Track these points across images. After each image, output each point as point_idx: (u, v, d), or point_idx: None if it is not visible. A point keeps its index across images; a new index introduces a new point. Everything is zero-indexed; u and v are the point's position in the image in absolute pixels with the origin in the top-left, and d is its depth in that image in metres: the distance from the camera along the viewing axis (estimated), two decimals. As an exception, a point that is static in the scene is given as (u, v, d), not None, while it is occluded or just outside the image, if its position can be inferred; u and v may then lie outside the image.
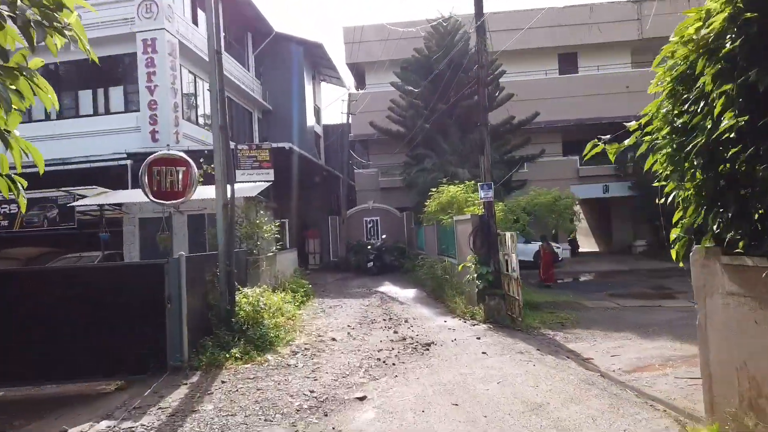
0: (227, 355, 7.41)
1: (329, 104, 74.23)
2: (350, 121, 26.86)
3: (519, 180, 22.96)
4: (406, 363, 7.14)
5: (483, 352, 7.53)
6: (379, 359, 7.36)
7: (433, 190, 14.93)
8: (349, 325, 10.10)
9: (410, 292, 15.13)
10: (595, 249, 31.64)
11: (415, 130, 21.53)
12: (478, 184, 10.61)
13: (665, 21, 27.30)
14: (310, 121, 31.26)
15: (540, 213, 13.75)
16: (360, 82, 30.07)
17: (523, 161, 23.04)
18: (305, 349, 8.08)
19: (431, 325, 9.92)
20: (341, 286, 17.58)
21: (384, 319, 10.73)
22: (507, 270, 10.27)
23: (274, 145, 17.38)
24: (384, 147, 26.36)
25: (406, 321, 10.44)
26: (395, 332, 9.30)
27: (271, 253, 13.02)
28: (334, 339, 8.79)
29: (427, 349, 7.87)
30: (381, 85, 26.75)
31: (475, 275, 10.41)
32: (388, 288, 16.42)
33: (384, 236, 22.71)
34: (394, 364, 7.11)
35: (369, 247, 22.07)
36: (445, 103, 21.25)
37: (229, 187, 8.88)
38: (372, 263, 21.04)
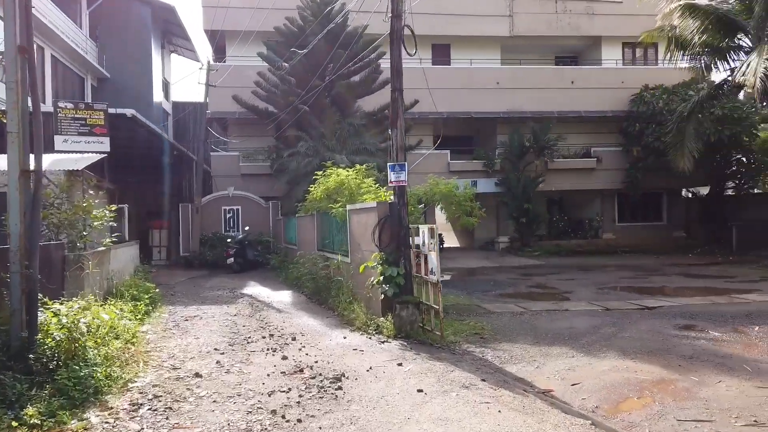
0: (14, 424, 4.35)
1: (181, 79, 67.71)
2: (208, 97, 23.36)
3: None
4: (318, 417, 4.76)
5: (419, 390, 5.44)
6: (274, 412, 4.88)
7: (318, 174, 12.59)
8: (216, 348, 7.43)
9: (285, 295, 12.64)
10: (456, 244, 31.28)
11: (288, 109, 18.91)
12: (388, 164, 8.52)
13: (535, 19, 27.67)
14: (158, 96, 27.03)
15: (438, 203, 12.16)
16: (220, 54, 26.49)
17: (401, 150, 21.44)
18: (155, 397, 5.29)
19: (329, 344, 7.63)
20: (197, 287, 14.51)
21: (263, 336, 8.21)
22: (421, 272, 8.30)
23: (113, 110, 13.77)
24: (247, 128, 23.29)
25: (293, 338, 8.02)
26: (284, 357, 6.87)
27: (103, 248, 9.79)
28: (198, 374, 6.11)
29: (339, 387, 5.59)
30: (246, 58, 23.58)
31: (381, 278, 8.31)
32: (257, 290, 13.76)
33: (247, 228, 19.79)
34: (299, 421, 4.71)
35: (229, 240, 19.03)
36: (321, 80, 18.92)
37: (33, 152, 5.81)
38: (233, 259, 18.06)
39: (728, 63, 19.83)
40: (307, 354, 7.06)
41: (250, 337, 8.17)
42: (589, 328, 8.67)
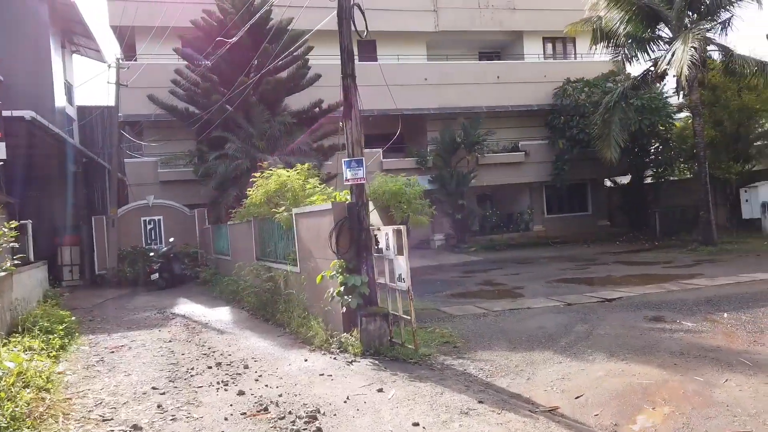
0: None
1: (86, 81, 62.85)
2: (119, 99, 21.37)
3: (326, 173, 20.46)
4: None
5: (414, 424, 4.65)
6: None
7: (256, 175, 11.45)
8: (154, 387, 6.27)
9: (224, 313, 11.45)
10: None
11: (211, 108, 17.49)
12: (344, 160, 7.66)
13: (459, 15, 27.57)
14: (60, 100, 24.52)
15: (388, 202, 11.42)
16: (130, 52, 24.42)
17: (333, 151, 20.54)
18: (86, 465, 4.19)
19: (289, 370, 6.67)
20: (119, 310, 12.96)
21: (209, 366, 7.10)
22: (386, 279, 7.51)
23: (7, 113, 11.97)
24: (165, 131, 21.51)
25: (245, 366, 6.98)
26: (240, 393, 5.84)
27: (2, 273, 8.27)
28: (137, 427, 4.94)
29: (318, 429, 4.68)
30: (161, 56, 21.79)
31: (342, 288, 7.43)
32: (190, 308, 12.44)
33: (171, 240, 18.16)
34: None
35: (151, 254, 17.35)
36: (247, 77, 17.66)
37: None
38: (157, 275, 16.45)
39: (648, 54, 20.39)
40: (266, 385, 6.07)
41: (193, 368, 7.04)
42: (561, 327, 8.22)
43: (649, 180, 26.75)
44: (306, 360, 7.07)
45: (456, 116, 25.06)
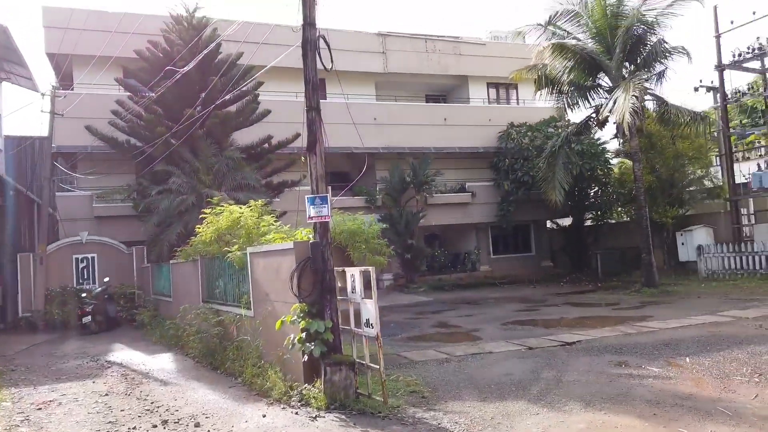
0: None
1: (16, 110, 59.46)
2: (53, 129, 20.18)
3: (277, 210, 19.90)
4: None
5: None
6: None
7: (206, 212, 10.80)
8: (92, 451, 5.52)
9: (166, 360, 10.57)
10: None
11: (155, 141, 16.70)
12: (307, 197, 7.26)
13: (407, 58, 28.05)
14: (-17, 130, 23.01)
15: (346, 241, 11.02)
16: (66, 81, 23.25)
17: (282, 187, 20.07)
18: None
19: (246, 428, 6.06)
20: (47, 357, 11.77)
21: (153, 425, 6.37)
22: (350, 324, 7.07)
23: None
24: (102, 164, 20.39)
25: (196, 424, 6.30)
26: (194, 456, 5.20)
27: None
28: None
29: (291, 500, 4.14)
30: (101, 86, 20.83)
31: (303, 335, 6.93)
32: (127, 355, 11.44)
33: (106, 279, 16.93)
34: None
35: (83, 294, 16.09)
36: (194, 110, 17.04)
37: None
38: (90, 318, 15.20)
39: (589, 101, 21.27)
40: (223, 447, 5.45)
41: (135, 428, 6.29)
42: (528, 374, 7.99)
43: (589, 222, 27.60)
44: (264, 416, 6.47)
45: (405, 156, 25.21)
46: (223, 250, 9.71)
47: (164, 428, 6.24)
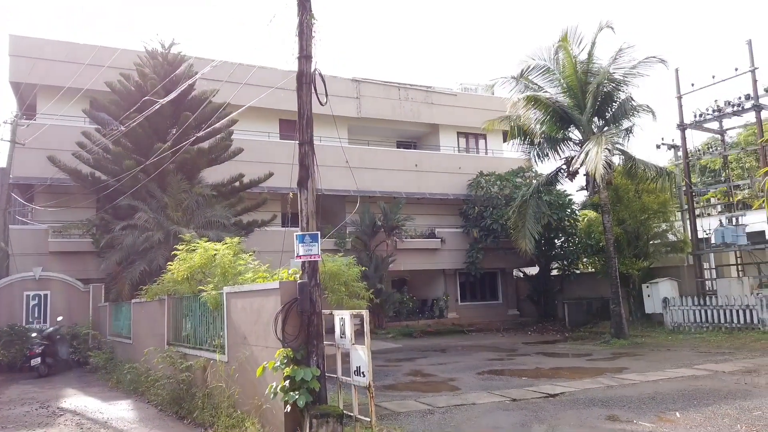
0: None
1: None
2: (12, 159, 19.31)
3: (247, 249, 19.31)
4: None
5: None
6: None
7: (179, 248, 10.25)
8: None
9: (125, 408, 9.77)
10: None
11: (123, 176, 16.05)
12: (296, 234, 6.89)
13: (380, 104, 28.35)
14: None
15: (325, 283, 10.56)
16: (30, 111, 22.45)
17: (253, 226, 19.56)
18: None
19: (224, 487, 5.48)
20: (-12, 403, 10.75)
21: (118, 482, 5.72)
22: (338, 372, 6.63)
23: None
24: (61, 197, 19.51)
25: (167, 481, 5.69)
26: None
27: None
28: None
29: None
30: (65, 117, 20.20)
31: (287, 383, 6.44)
32: (81, 402, 10.55)
33: (59, 318, 15.88)
34: None
35: (33, 334, 15.01)
36: (164, 145, 16.55)
37: None
38: (39, 360, 14.14)
39: (559, 153, 21.75)
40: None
41: (97, 485, 5.64)
42: (518, 428, 7.66)
43: (555, 272, 27.82)
44: (243, 473, 5.92)
45: (375, 200, 25.09)
46: (197, 289, 9.16)
47: (130, 487, 5.61)
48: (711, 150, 26.99)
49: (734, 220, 22.23)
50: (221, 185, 18.78)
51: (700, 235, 23.07)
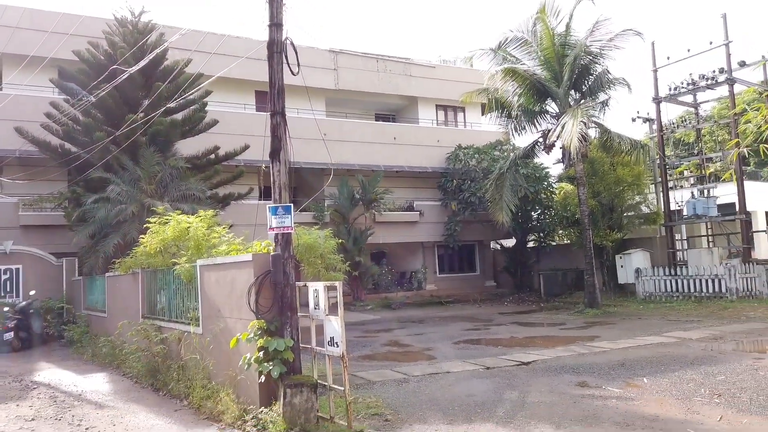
0: None
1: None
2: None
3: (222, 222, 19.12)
4: None
5: None
6: None
7: (151, 221, 10.10)
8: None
9: (100, 381, 9.74)
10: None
11: (94, 147, 15.69)
12: (269, 206, 6.84)
13: (358, 75, 28.00)
14: None
15: (301, 256, 10.53)
16: (-6, 80, 21.70)
17: (229, 200, 19.36)
18: None
19: (198, 456, 5.52)
20: (-40, 378, 10.61)
21: (91, 454, 5.72)
22: (312, 343, 6.67)
23: None
24: (30, 170, 19.00)
25: (140, 452, 5.70)
26: (142, 490, 4.65)
27: None
28: None
29: None
30: (32, 87, 19.57)
31: (261, 354, 6.46)
32: (56, 375, 10.49)
33: (32, 293, 15.65)
34: None
35: (6, 309, 14.76)
36: (137, 117, 16.17)
37: None
38: (12, 334, 13.96)
39: (536, 126, 21.81)
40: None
41: (70, 457, 5.63)
42: (491, 394, 7.80)
43: (531, 244, 28.16)
44: (219, 443, 5.95)
45: (354, 173, 24.97)
46: (169, 262, 9.07)
47: (103, 458, 5.61)
48: (685, 123, 27.27)
49: (706, 192, 22.66)
50: (196, 158, 18.49)
51: (673, 207, 23.51)
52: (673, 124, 25.78)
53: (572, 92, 20.60)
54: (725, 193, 23.36)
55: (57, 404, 8.08)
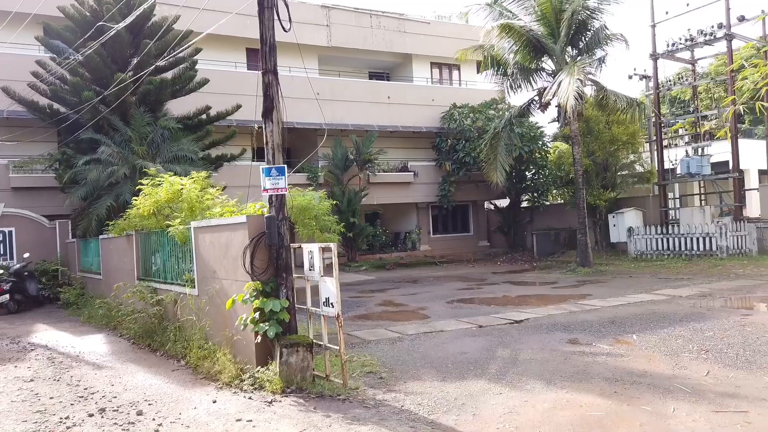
0: None
1: None
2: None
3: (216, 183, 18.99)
4: None
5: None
6: None
7: (144, 182, 10.01)
8: (21, 444, 4.95)
9: (97, 342, 9.83)
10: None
11: (82, 107, 15.42)
12: (262, 167, 6.77)
13: (351, 32, 27.41)
14: None
15: (295, 217, 10.49)
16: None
17: (221, 161, 19.19)
18: None
19: (196, 415, 5.62)
20: (-43, 340, 10.69)
21: (89, 414, 5.81)
22: (307, 303, 6.72)
23: None
24: (19, 131, 18.72)
25: (138, 412, 5.80)
26: (140, 448, 4.75)
27: None
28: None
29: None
30: (17, 45, 19.09)
31: (257, 315, 6.52)
32: (53, 336, 10.57)
33: (26, 255, 15.64)
34: None
35: (1, 271, 14.79)
36: (124, 74, 15.84)
37: None
38: (7, 296, 14.02)
39: (532, 84, 21.52)
40: (173, 438, 5.01)
41: (68, 417, 5.71)
42: (483, 352, 7.94)
43: (525, 204, 28.23)
44: (215, 401, 6.04)
45: (348, 133, 24.71)
46: (163, 224, 9.04)
47: (102, 417, 5.70)
48: (682, 80, 27.02)
49: (700, 150, 22.64)
50: (187, 118, 18.21)
51: (667, 165, 23.51)
52: (670, 81, 25.58)
53: (569, 49, 20.27)
54: (719, 151, 23.34)
55: (55, 365, 8.17)
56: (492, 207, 29.73)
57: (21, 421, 5.68)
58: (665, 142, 24.93)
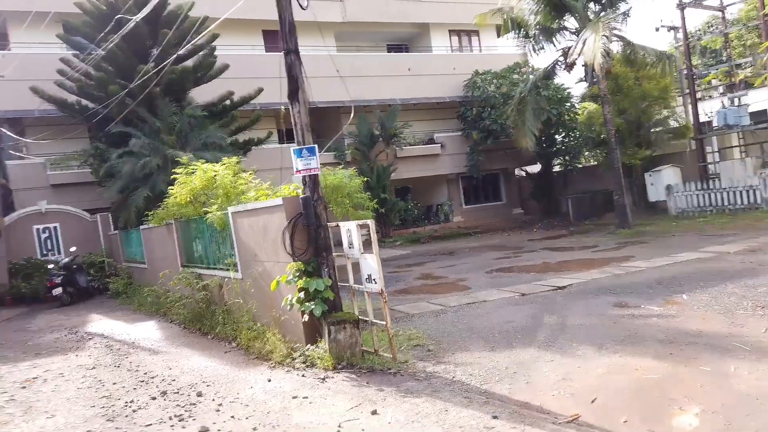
0: None
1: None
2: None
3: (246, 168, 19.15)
4: None
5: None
6: None
7: (178, 171, 10.13)
8: (89, 431, 5.12)
9: (150, 328, 10.11)
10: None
11: (109, 102, 15.60)
12: (293, 149, 6.76)
13: (366, 5, 26.98)
14: None
15: (328, 197, 10.55)
16: (2, 41, 21.50)
17: (249, 145, 19.30)
18: None
19: (253, 395, 5.74)
20: (20, 332, 11.15)
21: (152, 397, 5.99)
22: (349, 281, 6.75)
23: None
24: (52, 129, 19.11)
25: (198, 393, 5.95)
26: (203, 430, 4.87)
27: None
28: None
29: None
30: (42, 45, 19.37)
31: (302, 294, 6.58)
32: (108, 325, 10.91)
33: (73, 249, 16.10)
34: None
35: (50, 266, 15.29)
36: (145, 65, 15.91)
37: None
38: (60, 289, 14.49)
39: (554, 45, 20.90)
40: (233, 416, 5.12)
41: (132, 401, 5.90)
42: (529, 320, 7.89)
43: (557, 168, 27.75)
44: (269, 380, 6.15)
45: (371, 108, 24.55)
46: (201, 211, 9.16)
47: (164, 399, 5.87)
48: (711, 29, 25.95)
49: (736, 100, 21.81)
50: (212, 105, 18.31)
51: (702, 118, 22.75)
52: (699, 31, 24.56)
53: (591, 5, 19.61)
54: (757, 100, 22.48)
55: (113, 352, 8.43)
56: (523, 174, 29.31)
57: (90, 406, 5.88)
58: (699, 95, 24.10)
